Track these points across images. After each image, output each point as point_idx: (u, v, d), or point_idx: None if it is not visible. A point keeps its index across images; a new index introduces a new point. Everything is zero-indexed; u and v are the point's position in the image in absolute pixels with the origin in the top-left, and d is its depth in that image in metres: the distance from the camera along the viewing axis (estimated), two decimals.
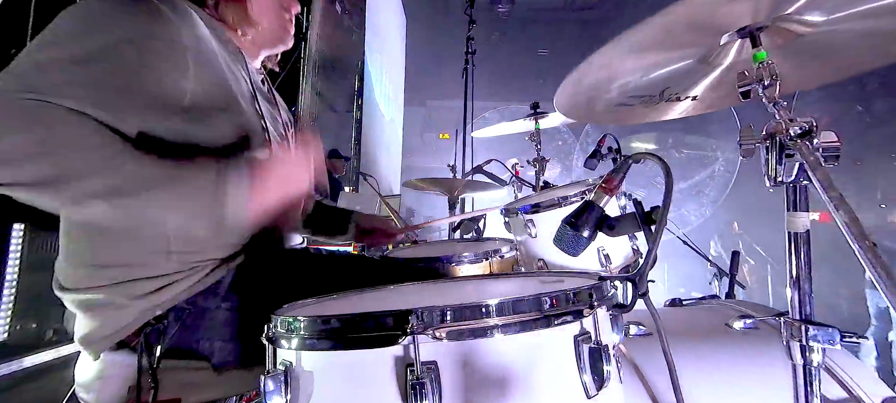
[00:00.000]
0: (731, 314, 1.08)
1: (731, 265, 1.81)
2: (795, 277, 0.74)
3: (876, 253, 0.55)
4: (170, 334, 0.94)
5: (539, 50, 8.45)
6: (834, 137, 0.69)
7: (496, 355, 0.61)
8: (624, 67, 0.91)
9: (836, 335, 0.70)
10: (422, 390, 0.56)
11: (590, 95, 1.00)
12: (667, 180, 0.77)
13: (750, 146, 0.76)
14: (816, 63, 0.92)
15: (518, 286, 0.90)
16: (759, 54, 0.80)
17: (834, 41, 0.85)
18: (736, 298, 1.66)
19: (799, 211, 0.74)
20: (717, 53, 0.91)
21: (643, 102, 1.03)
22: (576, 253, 0.84)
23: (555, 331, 0.63)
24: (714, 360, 0.98)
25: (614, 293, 0.73)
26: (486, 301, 0.61)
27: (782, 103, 0.75)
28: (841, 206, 0.60)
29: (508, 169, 2.65)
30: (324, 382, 0.64)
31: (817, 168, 0.66)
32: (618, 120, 1.10)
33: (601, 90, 0.98)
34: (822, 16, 0.79)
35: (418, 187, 2.73)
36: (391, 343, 0.59)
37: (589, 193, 1.36)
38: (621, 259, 1.43)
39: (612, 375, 0.63)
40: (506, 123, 2.91)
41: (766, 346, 0.98)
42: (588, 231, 0.83)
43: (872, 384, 0.91)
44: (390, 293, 0.93)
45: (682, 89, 1.01)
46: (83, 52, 0.78)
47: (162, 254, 0.92)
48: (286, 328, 0.67)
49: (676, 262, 6.01)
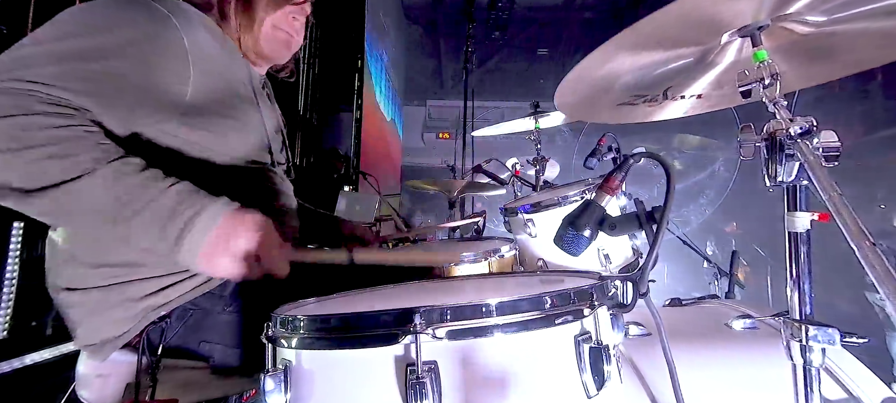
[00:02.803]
0: (731, 314, 1.08)
1: (730, 265, 1.81)
2: (795, 277, 0.74)
3: (876, 254, 0.55)
4: (170, 333, 0.94)
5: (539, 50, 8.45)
6: (834, 137, 0.69)
7: (496, 354, 0.61)
8: (624, 65, 0.91)
9: (836, 336, 0.70)
10: (422, 389, 0.56)
11: (591, 93, 1.00)
12: (668, 179, 0.77)
13: (750, 146, 0.76)
14: (816, 61, 0.92)
15: (518, 285, 0.90)
16: (759, 54, 0.80)
17: (834, 40, 0.84)
18: (735, 298, 1.66)
19: (799, 211, 0.74)
20: (718, 51, 0.91)
21: (645, 100, 1.03)
22: (576, 253, 0.84)
23: (555, 331, 0.63)
24: (714, 360, 0.98)
25: (615, 293, 0.73)
26: (487, 301, 0.61)
27: (782, 103, 0.75)
28: (841, 206, 0.60)
29: (508, 169, 2.65)
30: (324, 381, 0.64)
31: (817, 168, 0.66)
32: (620, 119, 1.10)
33: (602, 89, 0.98)
34: (822, 16, 0.79)
35: (418, 187, 2.73)
36: (391, 343, 0.59)
37: (589, 192, 1.37)
38: (622, 259, 1.43)
39: (613, 375, 0.63)
40: (506, 123, 2.91)
41: (766, 346, 0.98)
42: (588, 231, 0.83)
43: (872, 384, 0.91)
44: (390, 292, 0.93)
45: (684, 88, 1.01)
46: (83, 47, 0.77)
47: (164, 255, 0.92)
48: (286, 328, 0.67)
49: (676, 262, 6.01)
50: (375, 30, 5.57)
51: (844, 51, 0.88)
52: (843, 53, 0.88)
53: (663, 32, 0.82)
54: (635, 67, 0.92)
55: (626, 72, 0.93)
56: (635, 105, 1.05)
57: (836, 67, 0.93)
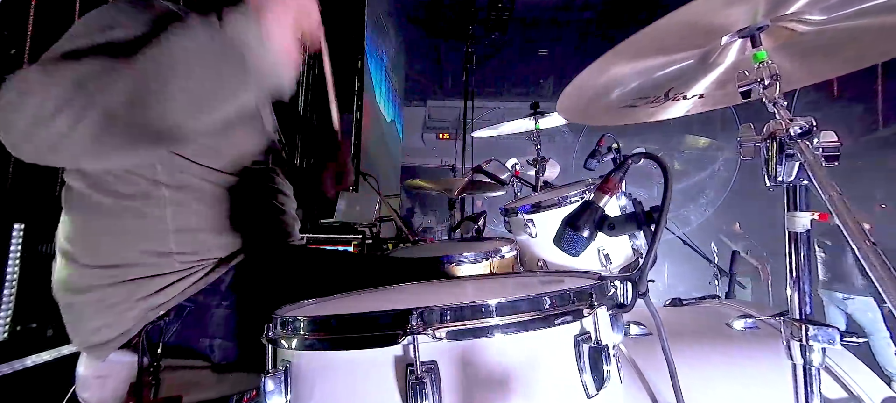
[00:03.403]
0: (731, 314, 1.08)
1: (730, 265, 1.81)
2: (795, 277, 0.74)
3: (877, 254, 0.55)
4: (170, 332, 0.94)
5: (539, 50, 8.45)
6: (834, 137, 0.69)
7: (496, 355, 0.61)
8: (624, 71, 0.91)
9: (836, 336, 0.70)
10: (422, 390, 0.56)
11: (592, 100, 1.00)
12: (666, 179, 0.77)
13: (750, 146, 0.76)
14: (817, 58, 0.92)
15: (518, 286, 0.90)
16: (759, 54, 0.79)
17: (834, 37, 0.84)
18: (736, 298, 1.66)
19: (799, 211, 0.74)
20: (718, 52, 0.91)
21: (647, 102, 1.03)
22: (576, 253, 0.84)
23: (555, 331, 0.63)
24: (714, 360, 0.98)
25: (614, 293, 0.73)
26: (487, 301, 0.61)
27: (782, 103, 0.75)
28: (841, 206, 0.60)
29: (508, 169, 2.65)
30: (324, 382, 0.64)
31: (817, 168, 0.66)
32: (621, 120, 1.10)
33: (603, 96, 0.98)
34: (822, 15, 0.79)
35: (418, 187, 2.73)
36: (391, 343, 0.59)
37: (589, 193, 1.36)
38: (621, 259, 1.43)
39: (613, 375, 0.63)
40: (506, 124, 2.91)
41: (766, 346, 0.98)
42: (588, 231, 0.83)
43: (872, 384, 0.91)
44: (390, 293, 0.93)
45: (685, 89, 1.01)
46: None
47: (163, 254, 0.92)
48: (286, 329, 0.67)
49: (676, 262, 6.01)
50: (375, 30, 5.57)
51: (845, 48, 0.88)
52: (843, 49, 0.88)
53: (663, 41, 0.82)
54: (636, 72, 0.92)
55: (626, 78, 0.93)
56: (636, 107, 1.05)
57: (837, 63, 0.93)
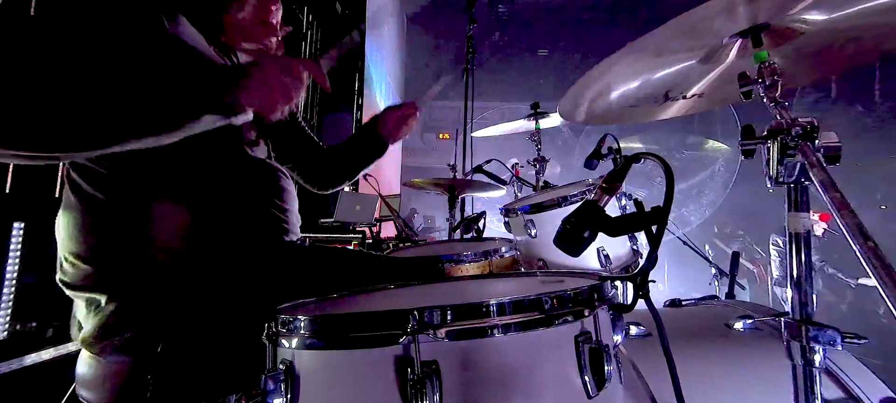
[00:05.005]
0: (731, 315, 1.08)
1: (731, 265, 1.81)
2: (795, 277, 0.74)
3: (878, 254, 0.55)
4: (169, 331, 0.94)
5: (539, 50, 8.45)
6: (835, 138, 0.69)
7: (497, 355, 0.60)
8: (626, 74, 0.91)
9: (836, 337, 0.69)
10: (422, 390, 0.56)
11: (593, 102, 1.01)
12: (668, 180, 0.77)
13: (751, 146, 0.76)
14: (816, 59, 0.92)
15: (518, 285, 0.90)
16: (760, 54, 0.79)
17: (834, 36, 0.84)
18: (736, 298, 1.66)
19: (800, 211, 0.74)
20: (719, 52, 0.91)
21: (647, 102, 1.03)
22: (576, 253, 0.84)
23: (555, 331, 0.63)
24: (714, 360, 0.98)
25: (615, 294, 0.73)
26: (487, 301, 0.61)
27: (784, 103, 0.75)
28: (842, 206, 0.60)
29: (508, 169, 2.65)
30: (324, 382, 0.64)
31: (818, 168, 0.65)
32: (622, 120, 1.10)
33: (604, 98, 0.99)
34: (821, 14, 0.79)
35: (418, 187, 2.73)
36: (391, 343, 0.59)
37: (589, 193, 1.36)
38: (621, 259, 1.43)
39: (613, 375, 0.63)
40: (506, 124, 2.91)
41: (766, 346, 0.98)
42: (588, 231, 0.83)
43: (871, 384, 0.91)
44: (390, 293, 0.93)
45: (685, 89, 1.01)
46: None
47: (162, 252, 0.92)
48: (286, 328, 0.67)
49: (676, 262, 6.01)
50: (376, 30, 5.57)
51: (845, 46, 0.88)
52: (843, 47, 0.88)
53: (663, 45, 0.82)
54: (636, 75, 0.92)
55: (627, 81, 0.94)
56: (637, 107, 1.05)
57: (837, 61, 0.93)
